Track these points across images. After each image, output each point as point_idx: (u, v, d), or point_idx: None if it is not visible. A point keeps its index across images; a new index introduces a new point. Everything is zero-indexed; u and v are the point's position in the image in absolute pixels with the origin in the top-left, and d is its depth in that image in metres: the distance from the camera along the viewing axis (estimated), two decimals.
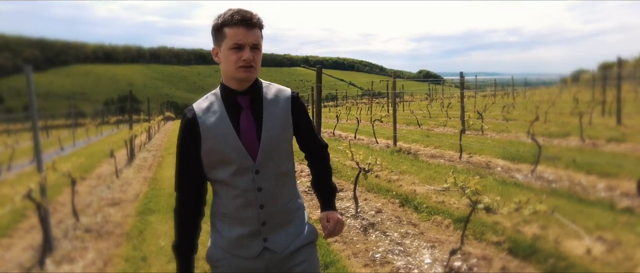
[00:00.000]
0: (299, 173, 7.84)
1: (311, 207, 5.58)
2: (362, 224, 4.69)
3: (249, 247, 1.56)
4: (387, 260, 3.71)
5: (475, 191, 2.87)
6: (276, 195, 1.57)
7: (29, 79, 3.73)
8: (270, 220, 1.57)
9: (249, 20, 1.46)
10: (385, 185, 6.30)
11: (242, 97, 1.54)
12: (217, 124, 1.52)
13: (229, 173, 1.52)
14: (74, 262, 4.08)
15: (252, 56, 1.47)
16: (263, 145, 1.52)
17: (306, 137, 1.71)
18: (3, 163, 10.85)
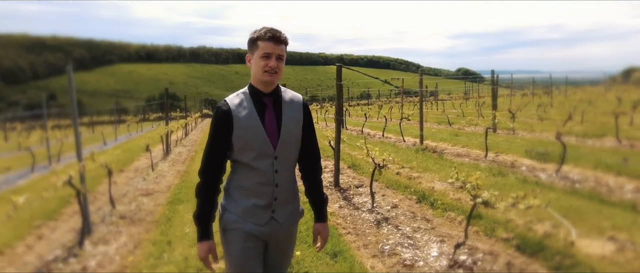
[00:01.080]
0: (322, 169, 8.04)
1: (330, 201, 5.76)
2: (376, 218, 4.83)
3: (260, 215, 1.93)
4: (395, 252, 3.84)
5: (475, 186, 2.96)
6: (287, 178, 1.96)
7: (70, 77, 4.13)
8: (280, 197, 1.95)
9: (277, 37, 1.86)
10: (404, 182, 6.38)
11: (267, 97, 1.92)
12: (247, 117, 1.88)
13: (252, 157, 1.89)
14: (108, 244, 4.47)
15: (277, 64, 1.86)
16: (282, 137, 1.90)
17: (308, 140, 2.03)
18: (54, 155, 11.70)
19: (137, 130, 25.59)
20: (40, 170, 9.95)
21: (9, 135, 20.40)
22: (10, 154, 14.08)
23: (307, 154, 2.04)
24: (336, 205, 5.54)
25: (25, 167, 10.45)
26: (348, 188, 6.36)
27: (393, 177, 6.76)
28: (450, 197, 5.40)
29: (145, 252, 4.09)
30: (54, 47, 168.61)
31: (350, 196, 5.96)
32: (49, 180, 4.07)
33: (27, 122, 24.45)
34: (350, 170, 7.77)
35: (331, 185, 6.60)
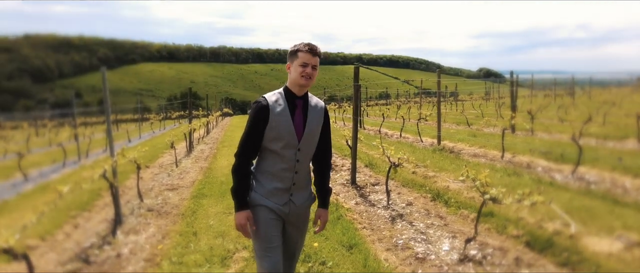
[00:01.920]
0: (340, 167, 8.25)
1: (347, 198, 5.97)
2: (391, 215, 5.01)
3: (280, 197, 2.35)
4: (408, 246, 4.02)
5: (484, 183, 3.11)
6: (305, 167, 2.38)
7: (104, 78, 4.45)
8: (298, 182, 2.37)
9: (314, 50, 2.30)
10: (420, 181, 6.53)
11: (298, 100, 2.35)
12: (281, 113, 2.29)
13: (280, 146, 2.30)
14: (138, 234, 4.78)
15: (312, 72, 2.29)
16: (306, 133, 2.34)
17: (323, 140, 2.45)
18: (82, 151, 12.24)
19: (160, 128, 26.29)
20: (71, 165, 10.44)
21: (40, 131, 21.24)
22: (42, 150, 14.75)
23: (321, 151, 2.45)
24: (353, 201, 5.74)
25: (56, 162, 10.98)
26: (364, 186, 6.55)
27: (409, 176, 6.91)
28: (464, 195, 5.53)
29: (173, 242, 4.37)
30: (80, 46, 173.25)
31: (366, 193, 6.14)
32: (83, 174, 4.39)
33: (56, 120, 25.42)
34: (367, 169, 7.95)
35: (348, 183, 6.80)
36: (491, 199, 3.00)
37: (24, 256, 2.90)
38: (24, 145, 13.46)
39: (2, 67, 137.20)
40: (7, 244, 2.73)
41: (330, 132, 2.49)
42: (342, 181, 7.01)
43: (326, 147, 2.49)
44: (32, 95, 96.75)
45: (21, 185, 8.28)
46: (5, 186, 8.37)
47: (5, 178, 9.08)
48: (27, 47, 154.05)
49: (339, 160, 8.97)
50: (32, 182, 8.53)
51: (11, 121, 22.22)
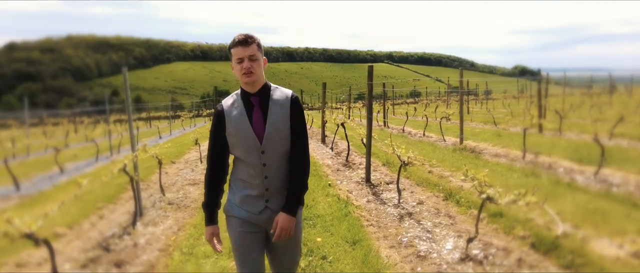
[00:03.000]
0: (357, 165, 8.31)
1: (359, 196, 6.04)
2: (400, 213, 5.05)
3: (255, 204, 2.15)
4: (412, 244, 4.07)
5: (482, 183, 3.13)
6: (277, 170, 2.13)
7: (125, 77, 4.72)
8: (271, 187, 2.13)
9: (244, 41, 2.05)
10: (435, 180, 6.51)
11: (253, 97, 2.13)
12: (237, 116, 2.11)
13: (243, 151, 2.11)
14: (156, 226, 5.04)
15: (251, 65, 2.05)
16: (267, 133, 2.09)
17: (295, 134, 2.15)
18: (114, 147, 12.85)
19: (190, 125, 27.06)
20: (103, 160, 11.01)
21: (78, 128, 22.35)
22: (79, 145, 15.57)
23: (293, 149, 2.15)
24: (364, 199, 5.81)
25: (91, 156, 11.58)
26: (378, 185, 6.60)
27: (424, 175, 6.90)
28: (476, 195, 5.49)
29: (186, 234, 4.59)
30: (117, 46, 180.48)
31: (379, 192, 6.19)
32: (108, 168, 4.67)
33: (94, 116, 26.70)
34: (384, 168, 7.97)
35: (363, 181, 6.86)
36: (488, 198, 3.01)
37: (45, 241, 3.15)
38: (62, 140, 14.26)
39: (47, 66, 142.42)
40: (29, 230, 2.98)
41: (303, 125, 2.17)
42: (357, 179, 7.08)
43: (297, 142, 2.15)
44: (73, 93, 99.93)
45: (57, 178, 8.83)
46: (43, 178, 8.94)
47: (44, 171, 9.69)
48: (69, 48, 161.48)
49: (357, 159, 9.03)
50: (66, 175, 9.07)
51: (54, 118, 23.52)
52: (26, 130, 14.73)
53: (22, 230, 2.92)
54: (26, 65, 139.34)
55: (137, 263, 3.94)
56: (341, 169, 8.12)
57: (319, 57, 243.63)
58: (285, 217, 2.11)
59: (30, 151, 13.10)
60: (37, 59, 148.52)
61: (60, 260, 4.14)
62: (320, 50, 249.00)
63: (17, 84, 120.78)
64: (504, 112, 20.59)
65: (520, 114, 17.77)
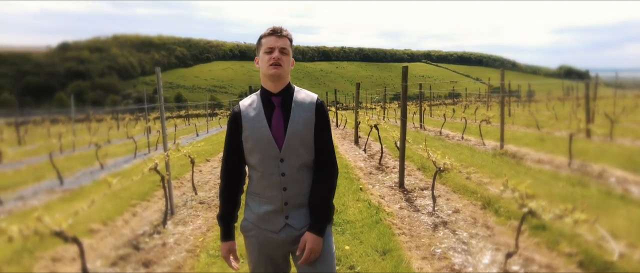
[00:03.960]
0: (390, 169, 8.08)
1: (391, 202, 5.84)
2: (434, 222, 4.81)
3: (274, 222, 1.91)
4: (446, 256, 3.84)
5: (524, 194, 2.88)
6: (297, 181, 1.89)
7: (158, 77, 4.74)
8: (291, 201, 1.89)
9: (278, 31, 1.89)
10: (472, 187, 6.20)
11: (275, 97, 1.90)
12: (254, 118, 1.89)
13: (259, 159, 1.88)
14: (186, 225, 5.06)
15: (280, 56, 1.86)
16: (287, 138, 1.86)
17: (319, 143, 1.92)
18: (152, 144, 13.22)
19: None
20: (141, 156, 11.32)
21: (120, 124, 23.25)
22: (120, 141, 16.17)
23: (318, 158, 1.93)
24: (397, 206, 5.60)
25: (130, 153, 11.96)
26: (412, 190, 6.36)
27: (461, 181, 6.59)
28: (517, 208, 5.15)
29: (214, 235, 4.57)
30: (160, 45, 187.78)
31: (413, 198, 5.96)
32: (139, 167, 4.71)
33: (136, 114, 27.78)
34: (419, 172, 7.70)
35: (396, 186, 6.64)
36: (529, 212, 2.76)
37: (74, 239, 3.18)
38: (103, 136, 14.84)
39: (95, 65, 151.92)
40: (59, 228, 3.01)
41: (328, 132, 1.95)
42: (390, 183, 6.86)
43: (323, 152, 1.92)
44: (118, 91, 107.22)
45: (97, 173, 9.14)
46: (85, 173, 9.29)
47: (86, 166, 10.08)
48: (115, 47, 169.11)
49: (390, 162, 8.79)
50: (106, 171, 9.37)
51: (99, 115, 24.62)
52: (72, 126, 15.45)
53: (52, 228, 2.95)
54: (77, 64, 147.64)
55: (164, 264, 3.94)
56: (374, 172, 7.92)
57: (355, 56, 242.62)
58: (313, 237, 1.88)
59: (75, 146, 13.72)
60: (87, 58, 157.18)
61: (93, 256, 4.22)
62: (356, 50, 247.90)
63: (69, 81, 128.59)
64: (547, 115, 19.60)
65: (566, 118, 16.83)
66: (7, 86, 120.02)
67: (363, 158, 9.62)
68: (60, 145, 13.15)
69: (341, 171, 7.68)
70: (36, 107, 68.41)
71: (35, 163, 10.32)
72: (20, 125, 17.10)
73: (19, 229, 2.68)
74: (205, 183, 7.54)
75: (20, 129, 16.62)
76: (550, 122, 15.55)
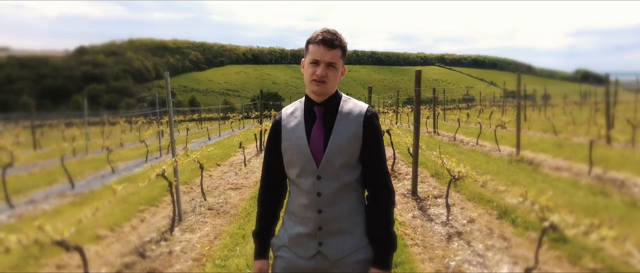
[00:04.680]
0: (403, 175, 7.90)
1: (404, 210, 5.67)
2: (448, 232, 4.64)
3: (306, 246, 1.69)
4: (460, 269, 3.67)
5: (545, 207, 2.70)
6: (335, 203, 1.66)
7: (167, 82, 4.68)
8: (326, 226, 1.66)
9: (329, 41, 1.62)
10: (488, 196, 6.00)
11: (318, 107, 1.70)
12: (294, 128, 1.71)
13: (296, 173, 1.69)
14: (194, 233, 4.97)
15: (326, 72, 1.63)
16: (327, 154, 1.64)
17: (369, 162, 1.70)
18: (164, 148, 13.25)
19: (239, 127, 27.63)
20: (152, 160, 11.33)
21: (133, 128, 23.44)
22: (133, 145, 16.27)
23: (370, 179, 1.71)
24: (409, 214, 5.43)
25: (141, 157, 11.99)
26: (426, 198, 6.19)
27: (477, 189, 6.39)
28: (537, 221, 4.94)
29: (222, 243, 4.47)
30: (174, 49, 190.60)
31: (426, 206, 5.79)
32: (146, 173, 4.64)
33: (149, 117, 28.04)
34: (432, 179, 7.52)
35: (409, 193, 6.47)
36: (551, 227, 2.59)
37: (76, 248, 3.11)
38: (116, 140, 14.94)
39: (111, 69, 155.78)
40: (60, 237, 2.93)
41: (380, 150, 1.71)
42: (402, 191, 6.69)
43: (375, 172, 1.70)
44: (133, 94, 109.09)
45: (109, 177, 9.15)
46: (96, 177, 9.31)
47: (97, 170, 10.11)
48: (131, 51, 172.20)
49: (403, 168, 8.62)
50: (117, 175, 9.38)
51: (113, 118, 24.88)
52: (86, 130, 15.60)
53: (54, 237, 2.87)
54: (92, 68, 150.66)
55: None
56: None
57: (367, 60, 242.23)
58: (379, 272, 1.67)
59: (88, 150, 13.83)
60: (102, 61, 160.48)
61: (98, 263, 4.15)
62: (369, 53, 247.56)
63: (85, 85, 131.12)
64: (564, 119, 19.17)
65: (584, 123, 16.40)
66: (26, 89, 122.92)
67: None
68: (73, 148, 13.27)
69: None
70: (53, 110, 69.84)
71: (49, 166, 10.39)
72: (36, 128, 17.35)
73: (18, 239, 2.60)
74: (215, 188, 7.47)
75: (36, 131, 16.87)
76: (568, 127, 15.17)
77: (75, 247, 3.11)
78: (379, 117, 3.82)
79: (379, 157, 1.71)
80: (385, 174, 1.72)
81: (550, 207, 2.67)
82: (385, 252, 1.68)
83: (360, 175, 1.71)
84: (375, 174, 1.71)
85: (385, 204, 1.70)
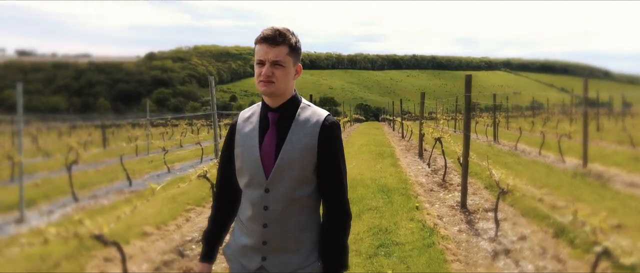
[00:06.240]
0: (455, 186, 7.52)
1: (450, 223, 5.37)
2: (495, 249, 4.31)
3: (250, 258, 1.60)
4: None
5: (598, 229, 2.39)
6: (283, 219, 1.55)
7: (211, 86, 4.81)
8: (271, 241, 1.56)
9: (271, 38, 1.51)
10: (544, 212, 5.52)
11: (272, 113, 1.58)
12: (247, 134, 1.60)
13: (244, 183, 1.60)
14: None
15: (272, 71, 1.50)
16: (277, 166, 1.52)
17: (324, 177, 1.57)
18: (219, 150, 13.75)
19: None
20: (207, 162, 11.76)
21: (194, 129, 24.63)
22: (191, 146, 17.07)
23: (324, 197, 1.60)
24: (455, 228, 5.13)
25: (197, 158, 12.51)
26: (475, 211, 5.82)
27: (532, 204, 5.91)
28: (590, 244, 4.46)
29: None
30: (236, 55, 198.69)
31: (474, 220, 5.44)
32: (188, 175, 4.78)
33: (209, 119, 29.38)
34: (485, 191, 7.08)
35: (458, 206, 6.14)
36: (604, 253, 2.28)
37: (114, 243, 3.24)
38: (175, 141, 15.73)
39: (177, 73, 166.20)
40: (99, 231, 3.07)
41: (337, 163, 1.58)
42: (451, 203, 6.36)
43: (328, 189, 1.58)
44: (197, 98, 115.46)
45: (164, 176, 9.62)
46: (152, 176, 9.83)
47: (155, 170, 10.68)
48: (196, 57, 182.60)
49: (455, 178, 8.21)
50: (172, 174, 9.84)
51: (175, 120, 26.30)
52: (148, 131, 16.60)
53: (92, 231, 3.01)
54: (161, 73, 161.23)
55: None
56: (435, 189, 7.43)
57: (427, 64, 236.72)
58: None
59: (149, 150, 14.68)
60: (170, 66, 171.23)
61: (141, 259, 4.32)
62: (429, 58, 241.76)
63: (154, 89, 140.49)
64: None
65: None
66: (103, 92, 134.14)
67: (425, 174, 9.11)
68: (136, 148, 14.15)
69: (399, 187, 7.29)
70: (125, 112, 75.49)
71: (113, 164, 11.14)
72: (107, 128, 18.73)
73: (57, 231, 2.75)
74: None
75: (107, 131, 18.24)
76: None
77: (113, 242, 3.24)
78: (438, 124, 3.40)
79: (336, 172, 1.58)
80: (341, 193, 1.59)
81: (604, 229, 2.36)
82: (333, 267, 1.58)
83: (314, 190, 1.59)
84: (330, 192, 1.58)
85: (340, 223, 1.59)
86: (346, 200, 1.62)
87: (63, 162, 10.75)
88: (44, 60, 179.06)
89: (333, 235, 1.59)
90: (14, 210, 6.36)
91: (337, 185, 1.59)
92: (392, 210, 5.63)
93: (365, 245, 4.34)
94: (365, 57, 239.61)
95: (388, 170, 9.26)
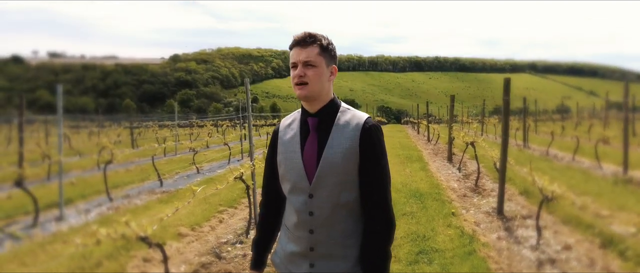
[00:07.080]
0: (488, 191, 7.34)
1: (488, 230, 5.23)
2: (539, 258, 4.15)
3: (298, 265, 1.59)
4: None
5: None
6: (329, 224, 1.53)
7: (247, 88, 4.81)
8: (318, 247, 1.54)
9: (301, 40, 1.52)
10: (588, 220, 5.31)
11: (312, 118, 1.56)
12: (289, 141, 1.59)
13: (288, 189, 1.59)
14: None
15: (304, 72, 1.50)
16: (319, 171, 1.51)
17: (366, 182, 1.53)
18: (245, 151, 13.83)
19: None
20: (234, 162, 11.85)
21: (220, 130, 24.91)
22: (218, 147, 17.25)
23: (366, 202, 1.54)
24: (494, 235, 4.98)
25: (225, 159, 12.62)
26: (513, 218, 5.65)
27: (573, 212, 5.70)
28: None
29: None
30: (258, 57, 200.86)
31: (513, 227, 5.28)
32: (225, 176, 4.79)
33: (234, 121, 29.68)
34: (521, 198, 6.87)
35: (494, 212, 5.97)
36: None
37: (157, 245, 3.26)
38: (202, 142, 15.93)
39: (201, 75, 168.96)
40: (144, 233, 3.10)
41: (380, 166, 1.53)
42: (486, 209, 6.20)
43: (370, 193, 1.53)
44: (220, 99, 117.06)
45: (193, 177, 9.73)
46: (182, 176, 9.95)
47: (184, 170, 10.81)
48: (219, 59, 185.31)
49: (488, 184, 8.01)
50: (201, 175, 9.94)
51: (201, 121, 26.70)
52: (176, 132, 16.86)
53: (138, 233, 3.03)
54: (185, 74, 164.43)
55: None
56: (469, 195, 7.26)
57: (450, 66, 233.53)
58: None
59: (177, 150, 14.90)
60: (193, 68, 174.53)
61: (179, 260, 4.35)
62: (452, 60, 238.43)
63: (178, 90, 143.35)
64: None
65: None
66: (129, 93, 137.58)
67: (457, 178, 8.93)
68: (164, 148, 14.38)
69: (432, 192, 7.16)
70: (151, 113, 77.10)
71: (143, 164, 11.35)
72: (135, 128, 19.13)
73: (108, 233, 2.78)
74: None
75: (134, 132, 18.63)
76: None
77: (157, 244, 3.26)
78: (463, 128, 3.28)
79: (377, 176, 1.53)
80: (384, 199, 1.53)
81: None
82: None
83: (360, 195, 1.55)
84: (371, 197, 1.53)
85: (380, 231, 1.52)
86: (390, 206, 1.56)
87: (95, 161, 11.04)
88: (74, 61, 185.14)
89: (375, 240, 1.53)
90: (53, 208, 6.53)
91: (378, 189, 1.53)
92: (427, 216, 5.52)
93: (404, 251, 4.25)
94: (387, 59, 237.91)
95: (418, 174, 9.12)
